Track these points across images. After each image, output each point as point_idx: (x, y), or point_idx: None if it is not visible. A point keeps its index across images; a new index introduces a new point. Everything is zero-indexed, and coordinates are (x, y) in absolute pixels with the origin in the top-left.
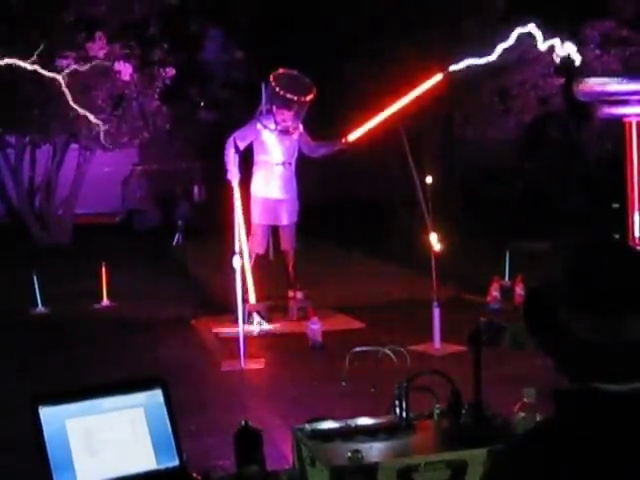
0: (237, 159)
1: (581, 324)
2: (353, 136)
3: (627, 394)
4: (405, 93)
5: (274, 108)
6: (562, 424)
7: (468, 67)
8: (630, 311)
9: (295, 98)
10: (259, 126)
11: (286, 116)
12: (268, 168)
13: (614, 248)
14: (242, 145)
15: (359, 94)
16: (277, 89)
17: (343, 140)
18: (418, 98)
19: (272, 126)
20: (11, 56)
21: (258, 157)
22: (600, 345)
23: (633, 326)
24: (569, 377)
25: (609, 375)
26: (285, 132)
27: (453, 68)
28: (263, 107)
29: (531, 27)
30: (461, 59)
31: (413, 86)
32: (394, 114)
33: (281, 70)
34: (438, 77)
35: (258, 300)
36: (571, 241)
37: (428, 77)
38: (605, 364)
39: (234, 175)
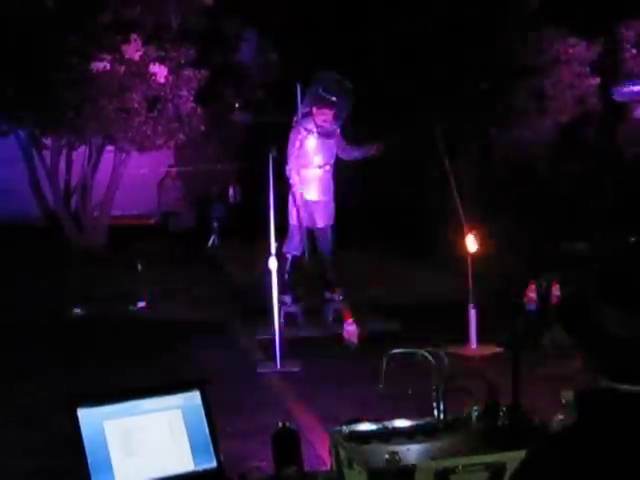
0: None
1: (610, 318)
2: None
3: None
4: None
5: (314, 109)
6: (583, 427)
7: (503, 69)
8: None
9: (336, 99)
10: (303, 131)
11: (326, 117)
12: (307, 171)
13: None
14: (297, 153)
15: (393, 96)
16: (319, 90)
17: (376, 146)
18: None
19: (312, 128)
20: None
21: (298, 160)
22: (625, 339)
23: None
24: (603, 376)
25: (630, 373)
26: (324, 134)
27: None
28: (300, 112)
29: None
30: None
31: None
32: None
33: (322, 72)
34: None
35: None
36: (607, 242)
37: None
38: (628, 360)
39: (297, 182)
